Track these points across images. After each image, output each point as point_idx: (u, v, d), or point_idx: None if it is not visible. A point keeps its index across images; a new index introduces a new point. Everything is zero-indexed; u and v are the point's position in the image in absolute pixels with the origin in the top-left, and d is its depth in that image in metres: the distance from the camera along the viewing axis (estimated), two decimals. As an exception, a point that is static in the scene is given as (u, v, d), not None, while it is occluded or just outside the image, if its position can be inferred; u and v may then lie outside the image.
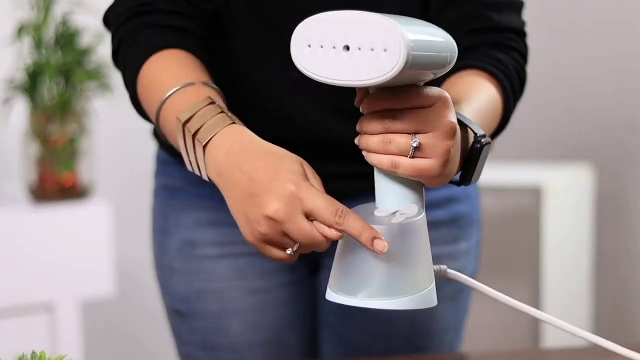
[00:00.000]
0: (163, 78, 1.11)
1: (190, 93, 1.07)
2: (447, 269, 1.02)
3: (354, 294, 0.95)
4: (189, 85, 1.08)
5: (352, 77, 0.90)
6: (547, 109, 3.09)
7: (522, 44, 1.24)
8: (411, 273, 0.95)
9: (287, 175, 0.95)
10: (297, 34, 0.92)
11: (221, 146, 1.01)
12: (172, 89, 1.08)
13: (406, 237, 0.94)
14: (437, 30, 0.95)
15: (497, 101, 1.17)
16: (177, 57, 1.14)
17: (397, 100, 0.93)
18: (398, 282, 0.94)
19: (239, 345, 1.35)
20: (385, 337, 1.37)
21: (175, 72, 1.11)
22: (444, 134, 0.94)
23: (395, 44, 0.87)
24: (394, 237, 0.94)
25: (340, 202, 0.95)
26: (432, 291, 0.97)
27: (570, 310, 2.80)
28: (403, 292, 0.95)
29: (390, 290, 0.95)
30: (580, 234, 2.91)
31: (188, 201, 1.35)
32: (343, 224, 0.93)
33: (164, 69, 1.12)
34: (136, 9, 1.17)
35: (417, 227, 0.95)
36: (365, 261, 0.94)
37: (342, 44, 0.90)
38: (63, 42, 2.36)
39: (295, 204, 0.94)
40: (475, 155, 1.02)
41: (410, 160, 0.93)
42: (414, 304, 0.96)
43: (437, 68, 0.94)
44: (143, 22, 1.17)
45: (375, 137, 0.94)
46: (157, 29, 1.16)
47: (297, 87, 1.24)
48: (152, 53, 1.14)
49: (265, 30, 1.24)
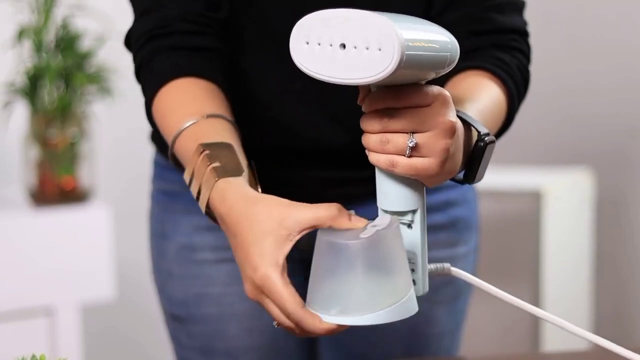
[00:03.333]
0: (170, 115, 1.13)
1: (190, 135, 1.09)
2: (450, 266, 1.02)
3: (329, 311, 0.94)
4: (192, 125, 1.10)
5: (347, 75, 0.90)
6: (547, 114, 3.10)
7: (525, 44, 1.24)
8: (385, 286, 0.94)
9: (257, 260, 0.96)
10: (296, 31, 0.93)
11: (214, 206, 1.03)
12: (174, 132, 1.10)
13: (376, 249, 0.93)
14: (438, 29, 0.95)
15: (501, 101, 1.17)
16: (185, 89, 1.15)
17: (396, 98, 0.93)
18: (372, 296, 0.93)
19: (237, 350, 1.35)
20: (384, 342, 1.37)
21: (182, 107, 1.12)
22: (441, 132, 0.94)
23: (390, 43, 0.87)
24: (364, 252, 0.93)
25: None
26: (410, 299, 0.96)
27: (570, 314, 2.80)
28: (379, 305, 0.93)
29: (366, 305, 0.93)
30: (580, 238, 2.91)
31: (186, 206, 1.35)
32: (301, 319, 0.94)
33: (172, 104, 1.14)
34: (154, 31, 1.18)
35: (386, 239, 0.94)
36: (339, 277, 0.94)
37: (339, 42, 0.90)
38: (63, 46, 2.37)
39: (262, 294, 0.96)
40: (479, 153, 1.02)
41: (408, 160, 0.93)
42: (393, 316, 0.94)
43: (437, 67, 0.94)
44: (161, 45, 1.18)
45: (375, 136, 0.94)
46: (174, 52, 1.17)
47: (299, 98, 1.25)
48: (164, 83, 1.15)
49: (269, 42, 1.24)
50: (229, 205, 1.00)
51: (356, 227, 0.95)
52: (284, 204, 0.97)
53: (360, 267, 0.93)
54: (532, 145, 3.12)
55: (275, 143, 1.29)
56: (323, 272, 0.95)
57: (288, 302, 0.94)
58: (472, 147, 1.02)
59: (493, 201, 2.71)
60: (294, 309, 0.94)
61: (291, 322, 0.95)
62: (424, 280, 0.99)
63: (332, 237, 0.94)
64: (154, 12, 1.19)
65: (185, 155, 1.09)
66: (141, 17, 1.21)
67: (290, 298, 0.94)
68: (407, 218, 0.97)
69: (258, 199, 0.99)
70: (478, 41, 1.21)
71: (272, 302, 0.96)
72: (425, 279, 0.99)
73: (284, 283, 0.95)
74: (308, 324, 0.94)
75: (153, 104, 1.16)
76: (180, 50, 1.17)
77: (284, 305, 0.94)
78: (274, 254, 0.95)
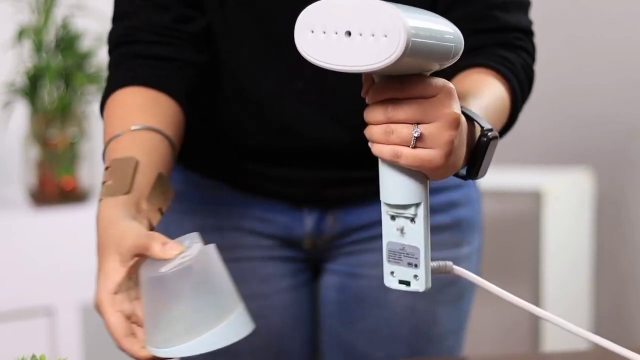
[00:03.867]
0: (107, 124, 1.18)
1: (112, 148, 1.14)
2: (453, 265, 1.01)
3: (153, 339, 0.99)
4: (115, 138, 1.14)
5: (352, 62, 0.90)
6: (547, 114, 3.10)
7: (530, 43, 1.24)
8: (202, 312, 0.98)
9: (101, 281, 1.02)
10: (301, 19, 0.92)
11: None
12: (107, 138, 1.15)
13: (182, 280, 0.97)
14: (443, 20, 0.94)
15: (504, 99, 1.17)
16: (127, 99, 1.19)
17: (401, 89, 0.92)
18: (191, 323, 0.97)
19: (240, 350, 1.34)
20: (387, 342, 1.36)
21: (116, 119, 1.17)
22: (446, 124, 0.93)
23: (395, 30, 0.86)
24: (168, 284, 0.97)
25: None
26: (239, 317, 1.01)
27: (570, 314, 2.80)
28: (200, 331, 0.98)
29: (186, 332, 0.97)
30: (581, 238, 2.91)
31: (190, 206, 1.35)
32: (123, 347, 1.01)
33: (112, 112, 1.19)
34: (121, 38, 1.23)
35: (192, 269, 0.97)
36: (154, 308, 0.98)
37: (344, 29, 0.89)
38: (63, 46, 2.37)
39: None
40: (482, 149, 1.01)
41: (412, 151, 0.92)
42: (220, 339, 0.99)
43: (442, 58, 0.93)
44: (126, 52, 1.22)
45: (378, 126, 0.93)
46: (135, 60, 1.21)
47: (300, 98, 1.25)
48: (113, 91, 1.20)
49: (269, 43, 1.24)
50: (98, 224, 1.06)
51: (168, 257, 0.98)
52: (126, 230, 1.02)
53: (167, 298, 0.97)
54: (532, 145, 3.12)
55: (276, 143, 1.29)
56: (144, 303, 1.00)
57: (113, 331, 1.01)
58: (475, 143, 1.01)
59: (493, 201, 2.71)
60: (117, 337, 1.01)
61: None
62: (427, 275, 0.99)
63: (143, 269, 0.99)
64: (123, 20, 1.24)
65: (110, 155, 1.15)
66: (114, 23, 1.25)
67: (116, 327, 1.01)
68: (410, 212, 0.97)
69: (112, 224, 1.04)
70: (482, 39, 1.20)
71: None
72: (429, 275, 0.99)
73: (111, 311, 1.01)
74: (131, 352, 1.01)
75: (104, 111, 1.21)
76: (141, 58, 1.21)
77: (111, 332, 1.02)
78: (111, 279, 1.01)
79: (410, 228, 0.98)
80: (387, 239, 0.98)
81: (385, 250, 0.98)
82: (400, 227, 0.97)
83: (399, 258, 0.98)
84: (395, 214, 0.97)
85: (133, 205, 1.07)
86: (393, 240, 0.98)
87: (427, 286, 0.99)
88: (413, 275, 0.98)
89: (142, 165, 1.10)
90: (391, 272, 0.99)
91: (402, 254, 0.98)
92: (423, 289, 0.98)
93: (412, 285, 0.98)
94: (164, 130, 1.16)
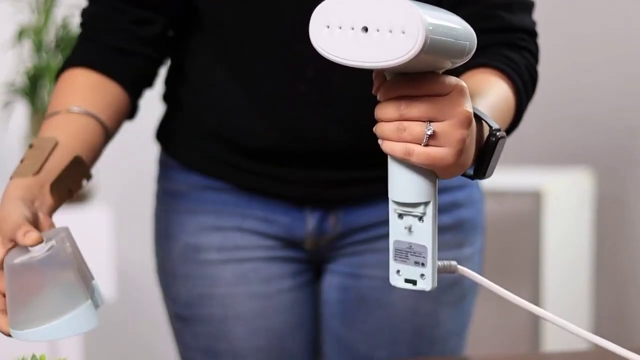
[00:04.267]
0: (52, 101, 1.25)
1: (47, 125, 1.21)
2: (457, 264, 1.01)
3: (12, 324, 1.05)
4: (53, 116, 1.21)
5: (369, 58, 0.89)
6: (547, 114, 3.10)
7: (533, 43, 1.24)
8: (45, 303, 1.03)
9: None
10: (316, 14, 0.92)
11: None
12: (47, 114, 1.22)
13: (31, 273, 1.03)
14: (457, 18, 0.94)
15: (510, 98, 1.17)
16: (73, 79, 1.26)
17: (414, 87, 0.92)
18: (35, 311, 1.03)
19: (241, 351, 1.34)
20: (389, 343, 1.36)
21: (59, 97, 1.25)
22: (459, 122, 0.93)
23: (414, 26, 0.86)
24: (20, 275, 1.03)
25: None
26: (85, 312, 1.04)
27: (570, 314, 2.80)
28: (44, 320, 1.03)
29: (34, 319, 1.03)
30: (581, 238, 2.91)
31: (191, 206, 1.35)
32: None
33: (57, 91, 1.26)
34: (87, 19, 1.30)
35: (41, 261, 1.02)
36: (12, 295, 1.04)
37: (361, 25, 0.89)
38: (63, 46, 2.37)
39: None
40: (491, 148, 1.01)
41: (424, 148, 0.92)
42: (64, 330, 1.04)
43: (456, 56, 0.93)
44: (87, 35, 1.29)
45: (390, 124, 0.92)
46: (87, 43, 1.29)
47: (302, 98, 1.25)
48: (64, 70, 1.27)
49: (272, 43, 1.24)
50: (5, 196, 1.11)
51: (26, 244, 1.03)
52: (10, 214, 1.07)
53: (21, 286, 1.03)
54: (532, 145, 3.12)
55: (278, 143, 1.29)
56: (5, 287, 1.04)
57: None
58: (483, 142, 1.01)
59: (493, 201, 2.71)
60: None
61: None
62: (433, 275, 0.98)
63: (8, 255, 1.04)
64: (91, 4, 1.30)
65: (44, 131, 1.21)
66: (87, 4, 1.31)
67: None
68: (419, 210, 0.97)
69: (4, 205, 1.09)
70: (486, 39, 1.20)
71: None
72: (435, 274, 0.99)
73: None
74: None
75: (57, 83, 1.27)
76: (98, 43, 1.28)
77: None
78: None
79: (419, 227, 0.97)
80: (394, 238, 0.98)
81: (392, 248, 0.98)
82: (409, 225, 0.97)
83: (406, 257, 0.98)
84: (404, 212, 0.97)
85: (37, 186, 1.13)
86: (400, 238, 0.97)
87: (434, 285, 0.98)
88: (420, 274, 0.97)
89: (61, 146, 1.16)
90: (397, 270, 0.98)
91: (409, 252, 0.98)
92: (430, 288, 0.98)
93: (418, 284, 0.98)
94: (101, 116, 1.22)
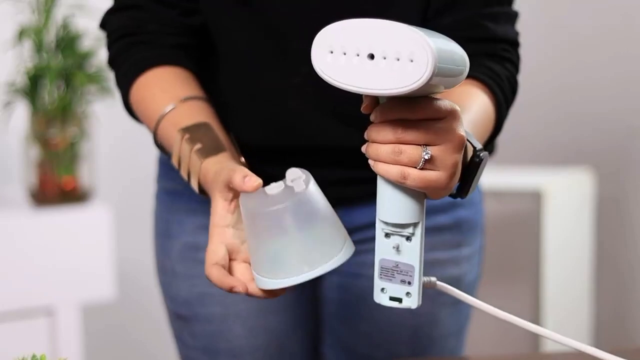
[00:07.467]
0: (149, 102, 1.22)
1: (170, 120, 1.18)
2: (437, 281, 1.02)
3: (276, 276, 1.00)
4: (171, 110, 1.18)
5: (376, 85, 0.89)
6: (547, 114, 3.10)
7: (515, 54, 1.26)
8: (324, 238, 1.00)
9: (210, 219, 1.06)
10: (318, 40, 0.91)
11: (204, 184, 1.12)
12: (156, 118, 1.19)
13: (305, 206, 0.99)
14: (453, 43, 0.95)
15: (490, 111, 1.19)
16: (159, 77, 1.23)
17: (411, 110, 0.92)
18: (313, 252, 0.99)
19: (241, 350, 1.35)
20: (388, 342, 1.37)
21: (159, 94, 1.22)
22: (454, 147, 0.94)
23: (423, 54, 0.86)
24: (293, 212, 0.98)
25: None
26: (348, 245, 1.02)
27: (571, 315, 2.80)
28: (322, 259, 1.00)
29: (309, 262, 0.99)
30: (581, 238, 2.91)
31: (191, 205, 1.35)
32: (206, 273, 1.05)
33: (150, 91, 1.23)
34: (127, 29, 1.27)
35: (311, 194, 1.00)
36: (276, 242, 0.99)
37: (367, 52, 0.89)
38: (64, 46, 2.37)
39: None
40: (474, 169, 1.02)
41: (420, 172, 0.93)
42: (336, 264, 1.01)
43: (454, 82, 0.94)
44: (134, 40, 1.26)
45: (386, 146, 0.93)
46: (147, 46, 1.25)
47: (298, 94, 1.25)
48: (140, 73, 1.24)
49: (267, 38, 1.24)
50: (207, 180, 1.09)
51: (247, 189, 1.01)
52: (223, 168, 1.06)
53: (288, 229, 0.98)
54: (532, 145, 3.13)
55: (275, 141, 1.29)
56: (248, 235, 1.01)
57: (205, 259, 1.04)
58: (467, 162, 1.02)
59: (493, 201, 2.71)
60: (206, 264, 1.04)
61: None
62: (419, 292, 0.99)
63: (244, 202, 1.00)
64: (130, 10, 1.27)
65: (168, 140, 1.17)
66: (116, 12, 1.28)
67: (208, 254, 1.04)
68: (408, 231, 0.97)
69: (218, 171, 1.07)
70: (470, 48, 1.21)
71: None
72: (420, 292, 0.99)
73: (212, 242, 1.04)
74: (211, 279, 1.04)
75: (130, 93, 1.24)
76: (151, 45, 1.26)
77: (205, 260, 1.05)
78: (215, 213, 1.05)
79: (407, 246, 0.98)
80: (380, 256, 0.98)
81: (378, 267, 0.98)
82: (396, 244, 0.97)
83: (392, 275, 0.98)
84: (392, 232, 0.97)
85: (232, 159, 1.12)
86: (387, 257, 0.98)
87: (419, 303, 0.99)
88: (405, 292, 0.98)
89: (215, 128, 1.16)
90: (382, 288, 0.99)
91: (396, 271, 0.98)
92: (415, 306, 0.99)
93: (404, 302, 0.98)
94: (204, 97, 1.22)
